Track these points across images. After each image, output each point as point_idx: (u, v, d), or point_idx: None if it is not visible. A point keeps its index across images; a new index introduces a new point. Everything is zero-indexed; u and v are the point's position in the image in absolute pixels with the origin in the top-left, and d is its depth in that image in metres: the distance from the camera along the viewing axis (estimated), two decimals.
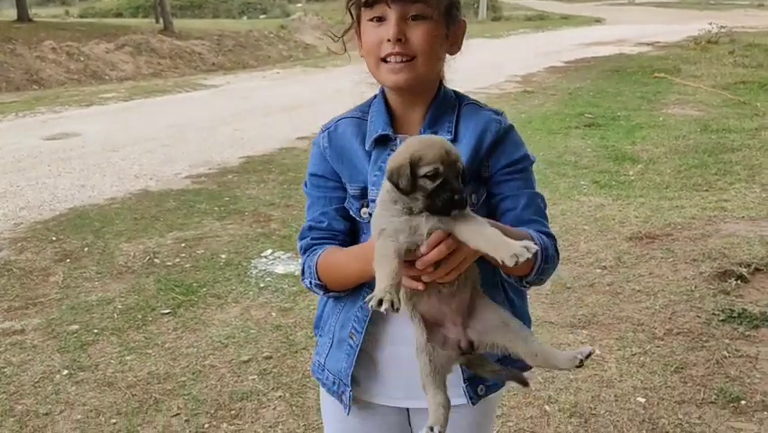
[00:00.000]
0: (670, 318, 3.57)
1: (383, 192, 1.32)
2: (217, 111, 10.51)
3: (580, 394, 2.92)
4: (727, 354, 3.19)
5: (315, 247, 1.52)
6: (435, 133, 1.45)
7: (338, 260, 1.48)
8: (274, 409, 2.94)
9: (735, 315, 3.53)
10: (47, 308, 3.97)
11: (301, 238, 1.57)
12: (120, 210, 5.72)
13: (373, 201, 1.42)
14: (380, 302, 1.17)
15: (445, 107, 1.49)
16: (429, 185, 1.23)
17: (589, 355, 1.33)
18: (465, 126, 1.48)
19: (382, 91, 1.54)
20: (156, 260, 4.65)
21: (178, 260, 4.66)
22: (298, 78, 14.59)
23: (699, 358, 3.17)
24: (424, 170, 1.22)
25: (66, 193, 6.24)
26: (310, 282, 1.52)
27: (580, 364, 1.32)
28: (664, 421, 2.71)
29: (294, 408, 2.93)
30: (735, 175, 6.14)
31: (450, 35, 1.48)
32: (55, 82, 14.52)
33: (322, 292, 1.52)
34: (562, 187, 6.06)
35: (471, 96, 1.58)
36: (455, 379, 1.48)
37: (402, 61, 1.41)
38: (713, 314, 3.57)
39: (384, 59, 1.43)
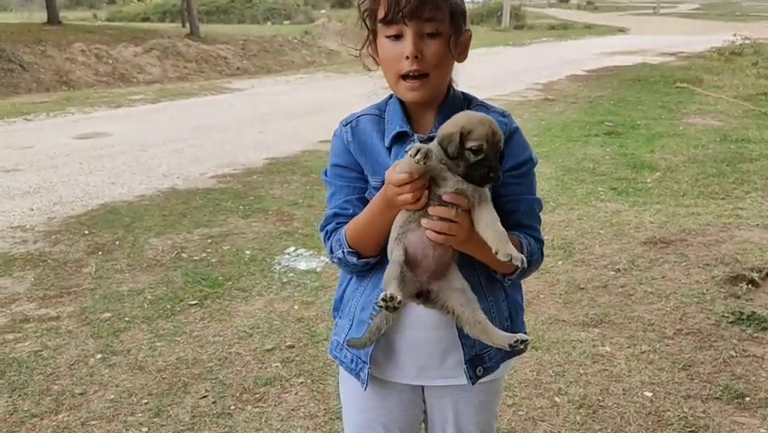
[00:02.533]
0: (680, 319, 3.67)
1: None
2: (242, 114, 10.74)
3: (589, 387, 3.04)
4: (735, 354, 3.29)
5: (339, 228, 1.65)
6: None
7: (360, 220, 1.60)
8: (296, 393, 3.09)
9: (744, 317, 3.62)
10: (80, 297, 4.16)
11: (326, 224, 1.68)
12: (149, 207, 5.92)
13: None
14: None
15: (454, 109, 1.58)
16: (472, 158, 1.39)
17: (524, 342, 1.48)
18: None
19: None
20: (183, 254, 4.84)
21: (204, 255, 4.83)
22: (321, 84, 14.80)
23: (706, 357, 3.27)
24: (470, 144, 1.39)
25: (97, 190, 6.46)
26: (343, 253, 1.60)
27: (513, 346, 1.47)
28: (670, 414, 2.82)
29: (315, 393, 3.07)
30: (752, 184, 6.20)
31: (458, 46, 1.59)
32: (84, 84, 14.87)
33: (356, 259, 1.60)
34: (579, 193, 6.16)
35: (484, 101, 1.70)
36: (455, 361, 1.62)
37: (418, 77, 1.54)
38: (723, 316, 3.66)
39: (402, 77, 1.55)
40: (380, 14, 1.53)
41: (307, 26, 25.56)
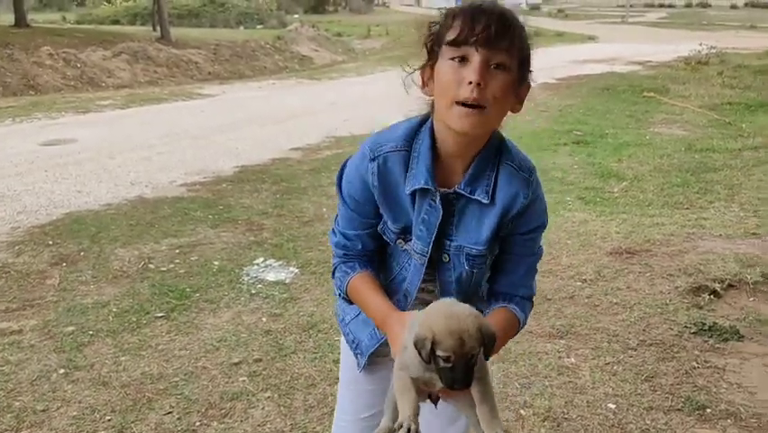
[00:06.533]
0: (644, 330, 3.73)
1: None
2: (212, 120, 10.66)
3: (554, 399, 3.07)
4: (697, 365, 3.35)
5: (347, 264, 1.68)
6: (473, 191, 1.52)
7: (363, 298, 1.65)
8: (263, 409, 3.07)
9: (706, 328, 3.69)
10: (44, 310, 4.09)
11: (335, 245, 1.69)
12: (116, 216, 5.85)
13: (410, 240, 1.59)
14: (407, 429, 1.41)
15: (486, 164, 1.53)
16: (441, 363, 1.42)
17: None
18: (500, 190, 1.54)
19: (431, 128, 1.55)
20: (151, 265, 4.78)
21: (172, 265, 4.79)
22: (293, 90, 14.76)
23: (669, 368, 3.33)
24: (439, 353, 1.41)
25: (62, 198, 6.36)
26: (337, 292, 1.73)
27: None
28: (632, 426, 2.86)
29: (282, 408, 3.06)
30: (715, 194, 6.33)
31: (519, 92, 1.52)
32: (52, 88, 14.65)
33: (342, 298, 1.74)
34: (548, 202, 6.21)
35: (516, 153, 1.61)
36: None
37: (475, 107, 1.43)
38: (685, 327, 3.73)
39: (460, 102, 1.43)
40: (450, 36, 1.43)
41: (280, 31, 25.52)
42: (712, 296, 4.09)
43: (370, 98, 12.84)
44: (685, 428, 2.84)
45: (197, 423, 2.97)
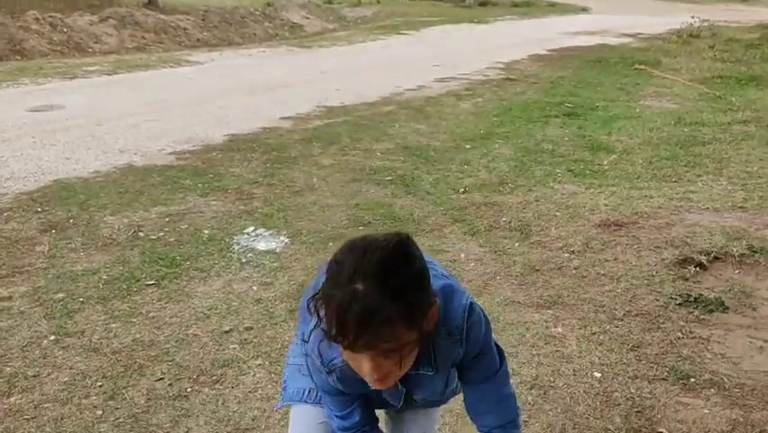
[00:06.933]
0: (630, 301, 3.78)
1: None
2: (202, 87, 10.55)
3: (540, 368, 3.12)
4: (681, 336, 3.41)
5: None
6: (418, 368, 1.52)
7: None
8: (254, 375, 3.10)
9: (691, 299, 3.74)
10: (33, 277, 4.09)
11: (337, 429, 1.73)
12: (105, 184, 5.81)
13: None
14: None
15: (425, 346, 1.49)
16: None
17: None
18: (439, 356, 1.56)
19: None
20: (140, 233, 4.77)
21: (162, 234, 4.78)
22: (284, 58, 14.60)
23: (654, 338, 3.38)
24: None
25: (51, 165, 6.31)
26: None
27: None
28: (617, 394, 2.91)
29: (273, 375, 3.09)
30: (703, 168, 6.36)
31: (427, 322, 1.39)
32: (38, 53, 14.39)
33: None
34: (537, 174, 6.25)
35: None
36: None
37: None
38: (671, 298, 3.78)
39: None
40: (332, 333, 1.30)
41: None
42: (698, 268, 4.14)
43: (362, 67, 12.73)
44: (669, 397, 2.90)
45: (189, 389, 3.00)
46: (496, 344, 1.69)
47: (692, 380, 3.03)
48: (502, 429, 1.71)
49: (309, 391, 1.80)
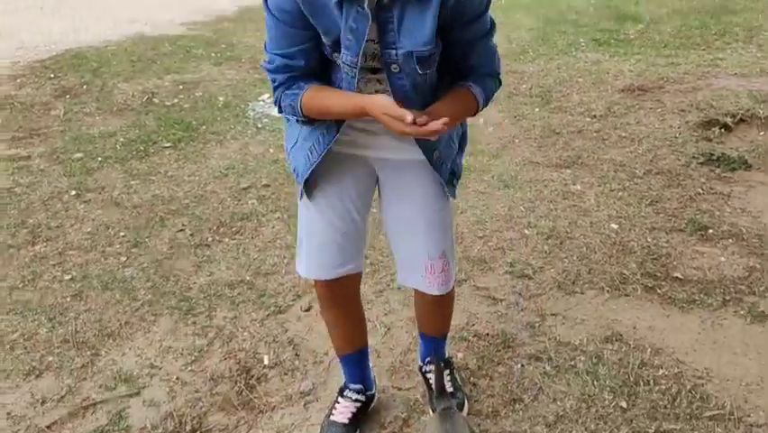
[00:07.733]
0: (651, 161, 3.72)
1: None
2: None
3: (558, 221, 3.12)
4: (702, 192, 3.37)
5: (294, 86, 1.51)
6: None
7: (325, 105, 1.50)
8: (273, 227, 3.13)
9: (714, 158, 3.67)
10: (50, 138, 4.10)
11: (274, 71, 1.51)
12: (116, 52, 5.71)
13: (346, 58, 1.43)
14: None
15: None
16: None
17: None
18: None
19: None
20: (155, 99, 4.73)
21: (176, 100, 4.73)
22: None
23: (674, 194, 3.35)
24: None
25: (61, 36, 6.19)
26: (293, 116, 1.55)
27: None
28: (633, 244, 2.92)
29: (291, 226, 3.12)
30: (733, 36, 6.11)
31: None
32: None
33: (300, 123, 1.58)
34: (560, 44, 6.04)
35: None
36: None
37: None
38: (693, 157, 3.72)
39: None
40: None
41: None
42: (723, 129, 4.04)
43: None
44: (686, 246, 2.89)
45: (210, 239, 3.04)
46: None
47: (710, 231, 3.01)
48: (479, 75, 1.54)
49: (310, 152, 1.62)
